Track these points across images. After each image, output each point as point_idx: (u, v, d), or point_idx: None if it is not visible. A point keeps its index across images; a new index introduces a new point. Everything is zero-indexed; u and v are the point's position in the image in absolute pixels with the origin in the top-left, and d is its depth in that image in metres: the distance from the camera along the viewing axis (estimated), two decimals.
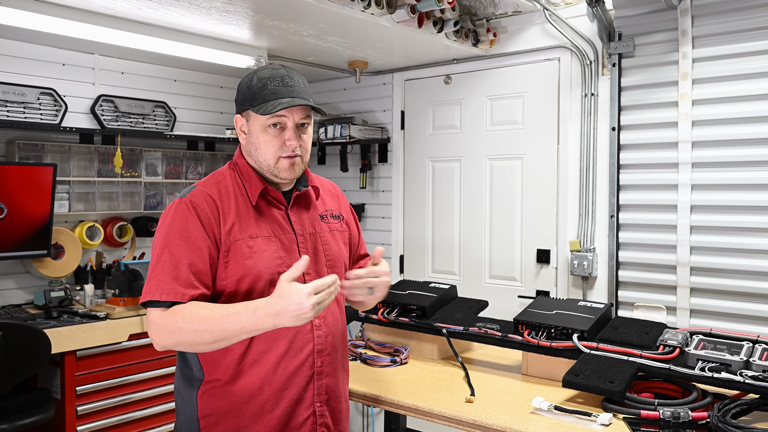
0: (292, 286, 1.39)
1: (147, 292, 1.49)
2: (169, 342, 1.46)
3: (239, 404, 1.55)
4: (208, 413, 1.56)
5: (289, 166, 1.59)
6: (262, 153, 1.58)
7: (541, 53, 3.42)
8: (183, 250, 1.49)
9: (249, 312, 1.40)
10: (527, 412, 1.68)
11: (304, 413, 1.60)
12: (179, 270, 1.47)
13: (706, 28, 2.84)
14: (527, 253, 3.51)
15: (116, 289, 3.20)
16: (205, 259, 1.50)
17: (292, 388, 1.57)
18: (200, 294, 1.49)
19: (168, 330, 1.44)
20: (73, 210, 3.45)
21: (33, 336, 2.64)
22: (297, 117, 1.57)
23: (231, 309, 1.42)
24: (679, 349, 1.79)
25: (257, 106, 1.55)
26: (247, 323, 1.40)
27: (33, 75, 3.32)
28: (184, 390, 1.60)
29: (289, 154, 1.57)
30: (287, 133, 1.57)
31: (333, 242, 1.72)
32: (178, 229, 1.51)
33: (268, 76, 1.57)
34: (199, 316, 1.42)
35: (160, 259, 1.49)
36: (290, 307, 1.37)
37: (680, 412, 1.54)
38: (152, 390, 3.22)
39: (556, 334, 1.95)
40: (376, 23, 2.92)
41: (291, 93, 1.56)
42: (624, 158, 3.12)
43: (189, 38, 3.15)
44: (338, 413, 1.68)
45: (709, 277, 2.87)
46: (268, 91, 1.55)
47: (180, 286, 1.46)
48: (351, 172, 4.27)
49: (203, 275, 1.50)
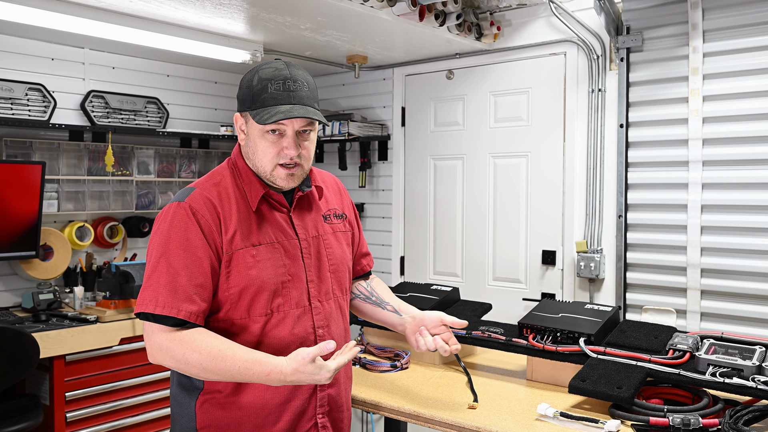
0: (317, 366, 1.39)
1: (141, 303, 1.46)
2: (169, 365, 1.47)
3: (241, 417, 1.54)
4: (207, 424, 1.54)
5: (287, 176, 1.55)
6: (260, 158, 1.55)
7: (546, 47, 3.42)
8: (182, 261, 1.46)
9: (261, 372, 1.41)
10: (532, 419, 1.68)
11: (306, 425, 1.59)
12: (177, 282, 1.45)
13: (717, 21, 2.84)
14: (532, 255, 3.51)
15: (107, 291, 3.20)
16: (206, 270, 1.48)
17: (296, 400, 1.57)
18: (198, 310, 1.46)
19: (172, 356, 1.44)
20: (63, 210, 3.45)
21: (21, 340, 2.64)
22: (297, 125, 1.53)
23: (243, 359, 1.42)
24: (689, 354, 1.79)
25: (255, 110, 1.51)
26: (256, 380, 1.43)
27: (21, 70, 3.32)
28: (183, 398, 1.58)
29: (286, 162, 1.54)
30: (286, 140, 1.52)
31: (336, 245, 1.70)
32: (177, 237, 1.48)
33: (270, 77, 1.52)
34: (210, 355, 1.42)
35: (156, 269, 1.46)
36: (306, 380, 1.41)
37: (690, 419, 1.54)
38: (144, 396, 3.22)
39: (562, 338, 1.95)
40: (375, 16, 2.92)
41: (291, 99, 1.51)
42: (632, 156, 3.12)
43: (182, 32, 3.14)
44: (340, 423, 1.69)
45: (720, 280, 2.87)
46: (267, 95, 1.50)
47: (177, 300, 1.44)
48: (350, 171, 4.27)
49: (203, 289, 1.47)
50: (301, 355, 1.40)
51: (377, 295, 1.86)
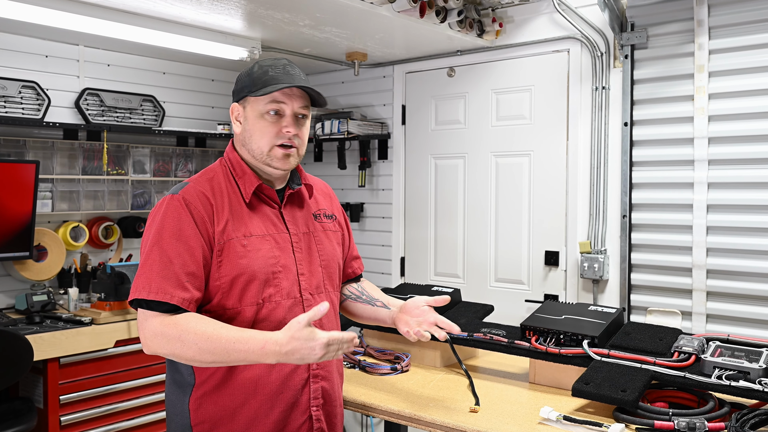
0: (311, 331, 1.41)
1: (134, 290, 1.50)
2: (164, 350, 1.47)
3: (233, 409, 1.57)
4: (202, 420, 1.57)
5: (283, 156, 1.61)
6: (257, 140, 1.61)
7: (549, 44, 3.42)
8: (174, 249, 1.50)
9: (257, 345, 1.42)
10: (535, 423, 1.68)
11: (300, 418, 1.62)
12: (169, 269, 1.49)
13: (723, 18, 2.84)
14: (535, 255, 3.51)
15: (102, 292, 3.20)
16: (198, 260, 1.52)
17: (288, 392, 1.60)
18: (190, 297, 1.50)
19: (167, 339, 1.45)
20: (57, 209, 3.45)
21: (14, 342, 2.64)
22: (296, 105, 1.61)
23: (238, 335, 1.44)
24: (694, 356, 1.78)
25: (258, 89, 1.59)
26: (251, 355, 1.43)
27: (14, 67, 3.32)
28: (176, 397, 1.61)
29: (284, 142, 1.60)
30: (285, 120, 1.60)
31: (327, 242, 1.75)
32: (170, 227, 1.52)
33: (270, 64, 1.62)
34: (204, 334, 1.44)
35: (150, 257, 1.51)
36: (301, 350, 1.41)
37: (696, 423, 1.54)
38: (140, 399, 3.22)
39: (566, 341, 1.95)
40: (375, 12, 2.92)
41: (293, 80, 1.60)
42: (637, 155, 3.12)
43: (178, 28, 3.14)
44: (333, 417, 1.72)
45: (726, 281, 2.87)
46: (268, 77, 1.59)
47: (169, 285, 1.47)
48: (349, 170, 4.27)
49: (194, 278, 1.51)
50: (295, 320, 1.42)
51: (367, 293, 1.92)
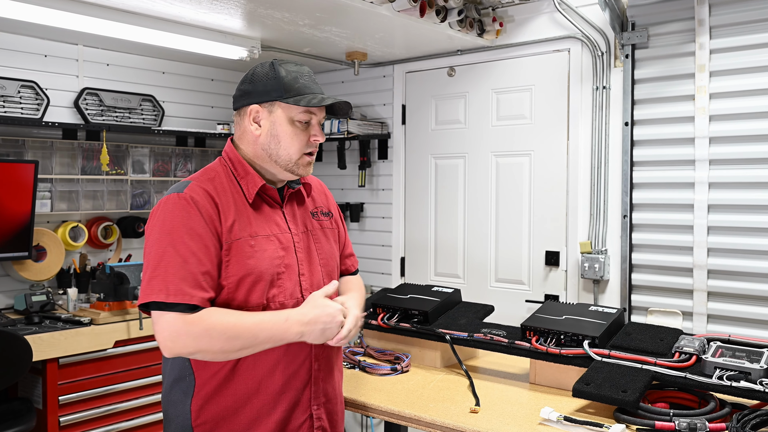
0: (326, 300, 1.55)
1: (150, 292, 1.46)
2: (190, 349, 1.46)
3: (235, 408, 1.57)
4: (203, 420, 1.57)
5: (308, 164, 1.67)
6: (285, 147, 1.62)
7: (550, 44, 3.42)
8: (188, 248, 1.48)
9: (280, 319, 1.50)
10: (535, 423, 1.68)
11: (302, 416, 1.63)
12: (185, 269, 1.46)
13: (724, 17, 2.84)
14: (535, 255, 3.51)
15: (101, 293, 3.20)
16: (212, 258, 1.51)
17: (290, 391, 1.60)
18: (209, 296, 1.49)
19: (193, 337, 1.44)
20: (56, 209, 3.45)
21: (13, 343, 2.64)
22: (321, 115, 1.66)
23: (261, 317, 1.51)
24: (695, 357, 1.79)
25: (292, 98, 1.59)
26: (277, 331, 1.49)
27: (13, 67, 3.32)
28: (177, 397, 1.60)
29: (312, 150, 1.65)
30: (313, 129, 1.64)
31: (324, 240, 1.77)
32: (181, 226, 1.49)
33: (296, 71, 1.64)
34: (230, 323, 1.46)
35: (164, 258, 1.47)
36: (323, 317, 1.52)
37: (697, 423, 1.54)
38: (139, 400, 3.22)
39: (566, 341, 1.95)
40: (375, 12, 2.92)
41: (321, 91, 1.65)
42: (637, 155, 3.12)
43: (178, 28, 3.14)
44: (334, 415, 1.72)
45: (727, 281, 2.87)
46: (300, 84, 1.62)
47: (187, 286, 1.45)
48: (349, 170, 4.27)
49: (210, 277, 1.50)
50: (312, 295, 1.57)
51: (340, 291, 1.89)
